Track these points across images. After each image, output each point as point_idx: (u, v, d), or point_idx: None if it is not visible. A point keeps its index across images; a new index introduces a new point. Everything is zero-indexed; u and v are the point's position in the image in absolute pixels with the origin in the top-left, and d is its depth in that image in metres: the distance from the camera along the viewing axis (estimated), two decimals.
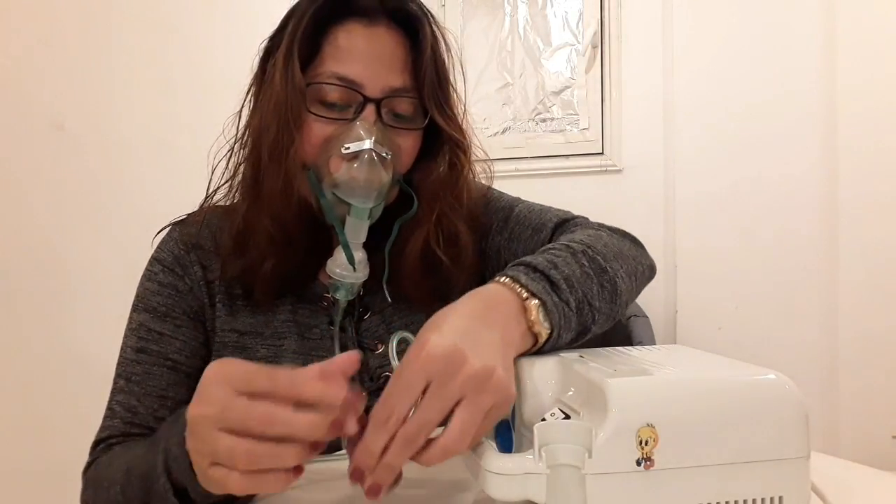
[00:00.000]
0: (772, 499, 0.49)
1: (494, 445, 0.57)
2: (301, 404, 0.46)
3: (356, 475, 0.49)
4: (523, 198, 0.92)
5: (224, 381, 0.47)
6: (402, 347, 0.56)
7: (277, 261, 0.77)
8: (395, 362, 0.60)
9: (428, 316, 0.54)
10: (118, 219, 1.95)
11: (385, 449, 0.47)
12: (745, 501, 0.48)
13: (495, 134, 1.95)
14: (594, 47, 1.91)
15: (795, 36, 1.75)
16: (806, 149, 1.74)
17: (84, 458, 0.76)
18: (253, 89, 0.79)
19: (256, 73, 0.79)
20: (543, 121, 1.96)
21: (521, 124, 1.97)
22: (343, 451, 0.51)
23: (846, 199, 1.71)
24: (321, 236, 0.80)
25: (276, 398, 0.46)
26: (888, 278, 1.69)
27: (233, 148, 0.79)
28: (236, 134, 0.79)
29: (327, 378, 0.47)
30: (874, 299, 1.69)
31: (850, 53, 1.70)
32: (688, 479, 0.48)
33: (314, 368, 0.47)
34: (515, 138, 1.95)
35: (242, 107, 0.79)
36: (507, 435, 0.58)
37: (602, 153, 1.90)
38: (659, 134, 1.84)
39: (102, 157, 1.96)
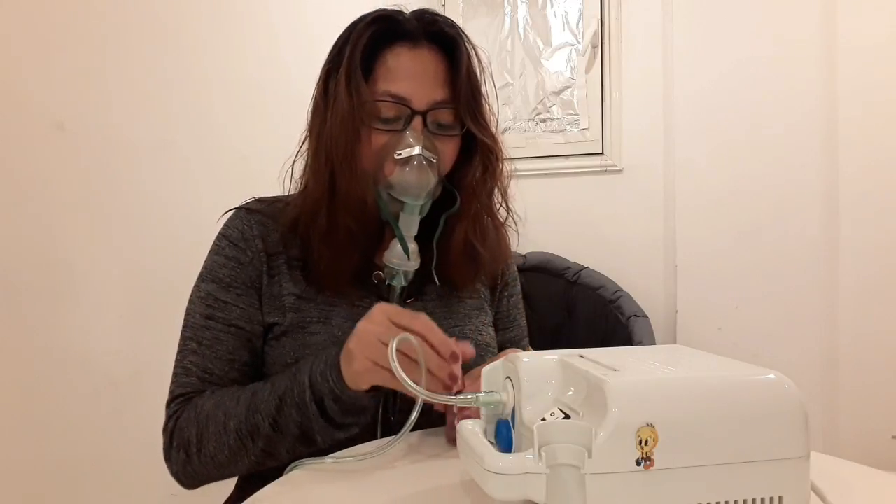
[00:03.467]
0: (771, 499, 0.49)
1: (494, 445, 0.57)
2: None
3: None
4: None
5: (384, 312, 0.72)
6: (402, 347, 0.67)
7: (358, 254, 0.88)
8: (394, 364, 0.63)
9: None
10: (118, 219, 1.95)
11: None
12: (745, 501, 0.48)
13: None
14: (594, 47, 1.91)
15: (795, 36, 1.75)
16: (806, 149, 1.74)
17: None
18: (319, 104, 0.89)
19: (319, 90, 0.90)
20: (543, 121, 1.96)
21: (521, 124, 1.97)
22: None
23: (846, 200, 1.71)
24: (375, 227, 0.92)
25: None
26: (888, 278, 1.68)
27: (306, 157, 0.91)
28: (309, 144, 0.90)
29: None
30: (874, 299, 1.69)
31: (850, 53, 1.70)
32: (688, 479, 0.48)
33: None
34: (515, 138, 1.95)
35: (309, 121, 0.90)
36: (507, 435, 0.58)
37: (602, 153, 1.90)
38: (659, 134, 1.84)
39: (102, 157, 1.96)
